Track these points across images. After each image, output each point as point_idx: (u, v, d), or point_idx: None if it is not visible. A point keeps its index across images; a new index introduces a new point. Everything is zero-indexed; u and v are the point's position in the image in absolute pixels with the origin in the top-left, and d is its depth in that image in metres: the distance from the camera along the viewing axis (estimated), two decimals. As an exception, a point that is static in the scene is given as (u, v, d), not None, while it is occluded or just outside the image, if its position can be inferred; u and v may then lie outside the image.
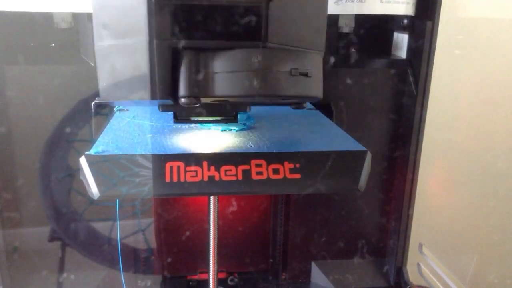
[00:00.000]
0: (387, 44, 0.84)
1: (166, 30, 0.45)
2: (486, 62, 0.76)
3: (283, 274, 0.90)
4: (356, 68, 0.79)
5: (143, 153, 0.52)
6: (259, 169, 0.52)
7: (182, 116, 0.56)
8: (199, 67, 0.46)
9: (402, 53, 0.81)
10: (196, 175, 0.51)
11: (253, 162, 0.52)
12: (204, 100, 0.48)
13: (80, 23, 0.74)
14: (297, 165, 0.52)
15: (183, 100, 0.47)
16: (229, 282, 0.89)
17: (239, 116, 0.63)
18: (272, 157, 0.53)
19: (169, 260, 0.87)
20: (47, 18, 0.71)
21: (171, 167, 0.51)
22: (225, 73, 0.46)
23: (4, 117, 0.77)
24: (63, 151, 0.80)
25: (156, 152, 0.52)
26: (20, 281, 0.84)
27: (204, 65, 0.46)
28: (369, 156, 0.55)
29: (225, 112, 0.57)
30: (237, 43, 0.46)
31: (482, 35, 0.76)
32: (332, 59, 0.76)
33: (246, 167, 0.52)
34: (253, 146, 0.55)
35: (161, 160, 0.51)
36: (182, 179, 0.50)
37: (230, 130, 0.61)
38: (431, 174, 0.84)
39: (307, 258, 0.89)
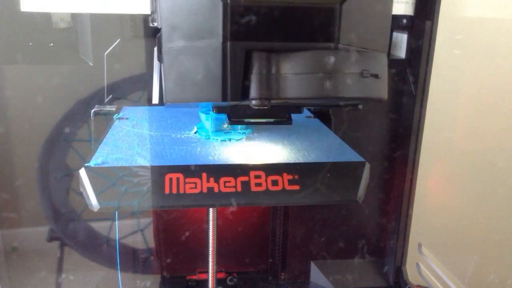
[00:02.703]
0: (386, 44, 0.84)
1: (240, 32, 0.46)
2: (486, 62, 0.76)
3: (283, 274, 0.90)
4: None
5: (143, 164, 0.52)
6: (258, 181, 0.52)
7: (236, 117, 0.56)
8: (270, 68, 0.46)
9: (401, 53, 0.81)
10: (196, 187, 0.51)
11: (252, 173, 0.52)
12: (274, 102, 0.47)
13: (79, 23, 0.74)
14: (296, 177, 0.53)
15: (254, 102, 0.46)
16: (228, 282, 0.89)
17: (238, 125, 0.63)
18: (271, 169, 0.53)
19: (168, 260, 0.87)
20: (46, 18, 0.71)
21: (171, 179, 0.51)
22: (296, 74, 0.46)
23: (2, 117, 0.77)
24: (61, 151, 0.80)
25: (156, 164, 0.52)
26: (19, 281, 0.84)
27: (276, 66, 0.46)
28: (367, 167, 0.55)
29: (278, 114, 0.57)
30: (309, 44, 0.47)
31: (482, 35, 0.76)
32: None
33: (245, 178, 0.52)
34: (252, 157, 0.55)
35: (161, 171, 0.51)
36: (181, 191, 0.51)
37: (229, 140, 0.61)
38: (431, 174, 0.84)
39: (307, 258, 0.89)
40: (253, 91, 0.46)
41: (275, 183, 0.52)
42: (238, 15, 0.45)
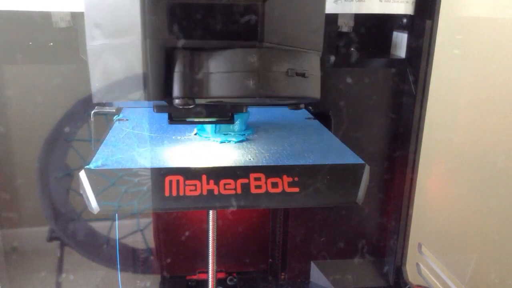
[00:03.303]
0: (386, 44, 0.84)
1: (160, 29, 0.44)
2: (486, 62, 0.76)
3: (282, 274, 0.90)
4: (355, 67, 0.79)
5: (143, 167, 0.52)
6: (258, 183, 0.52)
7: (177, 117, 0.55)
8: (193, 67, 0.45)
9: (402, 53, 0.81)
10: (195, 189, 0.51)
11: (252, 175, 0.52)
12: (198, 101, 0.47)
13: (79, 22, 0.74)
14: (296, 179, 0.53)
15: (177, 101, 0.45)
16: (228, 282, 0.89)
17: (238, 126, 0.63)
18: (271, 171, 0.53)
19: (168, 260, 0.87)
20: (45, 17, 0.71)
21: (171, 181, 0.51)
22: (220, 73, 0.45)
23: (2, 117, 0.77)
24: (61, 151, 0.80)
25: (156, 166, 0.52)
26: (19, 281, 0.84)
27: (199, 65, 0.45)
28: (367, 169, 0.55)
29: (221, 113, 0.56)
30: (233, 42, 0.45)
31: (482, 35, 0.76)
32: (331, 58, 0.76)
33: (245, 180, 0.52)
34: (252, 159, 0.55)
35: (161, 174, 0.51)
36: (181, 193, 0.50)
37: (229, 142, 0.61)
38: (431, 174, 0.84)
39: (307, 258, 0.89)
40: (176, 90, 0.45)
41: (275, 185, 0.52)
42: (158, 11, 0.44)
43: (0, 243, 0.82)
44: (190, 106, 0.46)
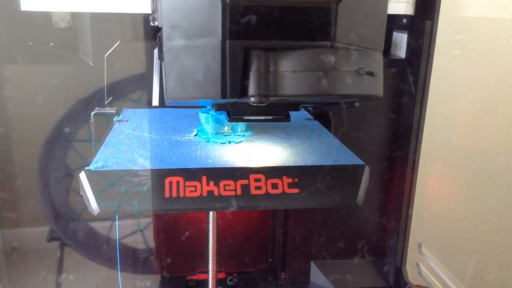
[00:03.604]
0: (386, 44, 0.84)
1: (238, 31, 0.46)
2: (486, 62, 0.76)
3: (282, 274, 0.90)
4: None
5: (143, 168, 0.52)
6: (258, 184, 0.52)
7: (235, 115, 0.57)
8: (269, 66, 0.47)
9: (401, 53, 0.81)
10: (195, 190, 0.51)
11: (252, 176, 0.52)
12: (272, 99, 0.48)
13: (79, 23, 0.74)
14: (296, 180, 0.53)
15: (252, 99, 0.47)
16: (228, 282, 0.89)
17: (237, 127, 0.63)
18: (270, 172, 0.53)
19: (168, 260, 0.87)
20: (45, 17, 0.71)
21: (171, 182, 0.51)
22: (294, 72, 0.47)
23: (2, 117, 0.77)
24: (61, 151, 0.80)
25: (156, 167, 0.52)
26: (19, 281, 0.84)
27: (274, 65, 0.47)
28: (367, 170, 0.55)
29: (277, 111, 0.58)
30: (306, 43, 0.48)
31: (482, 35, 0.76)
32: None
33: (245, 181, 0.52)
34: (251, 160, 0.55)
35: (161, 175, 0.51)
36: (181, 194, 0.51)
37: (229, 142, 0.61)
38: (431, 174, 0.84)
39: (307, 258, 0.89)
40: (252, 89, 0.47)
41: (275, 186, 0.52)
42: (237, 14, 0.46)
43: (0, 243, 0.82)
44: (264, 104, 0.47)
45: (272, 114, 0.57)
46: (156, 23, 0.56)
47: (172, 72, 0.49)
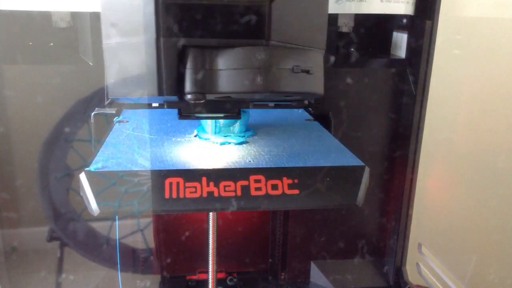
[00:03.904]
0: (386, 44, 0.84)
1: (173, 28, 0.47)
2: (486, 62, 0.76)
3: (282, 274, 0.90)
4: (355, 67, 0.79)
5: (143, 169, 0.52)
6: (258, 185, 0.52)
7: (187, 112, 0.58)
8: (204, 64, 0.48)
9: (401, 53, 0.81)
10: (195, 191, 0.51)
11: (252, 177, 0.52)
12: (208, 97, 0.49)
13: (79, 22, 0.74)
14: (296, 181, 0.53)
15: (189, 96, 0.48)
16: (228, 282, 0.89)
17: (238, 128, 0.63)
18: (270, 173, 0.53)
19: (168, 260, 0.87)
20: (45, 17, 0.71)
21: (171, 183, 0.51)
22: (229, 70, 0.48)
23: (2, 117, 0.77)
24: (61, 151, 0.80)
25: (156, 168, 0.52)
26: (19, 281, 0.84)
27: (209, 62, 0.48)
28: (367, 171, 0.55)
29: (229, 109, 0.58)
30: (241, 41, 0.48)
31: (482, 35, 0.76)
32: (331, 59, 0.76)
33: (245, 182, 0.52)
34: (252, 161, 0.55)
35: (161, 176, 0.51)
36: (181, 195, 0.51)
37: (229, 143, 0.61)
38: (431, 174, 0.84)
39: (307, 258, 0.89)
40: (188, 86, 0.48)
41: (275, 187, 0.52)
42: (171, 11, 0.47)
43: (0, 243, 0.82)
44: (201, 101, 0.48)
45: (224, 111, 0.58)
46: None
47: (112, 70, 0.50)
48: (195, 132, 0.65)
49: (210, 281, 0.71)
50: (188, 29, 0.47)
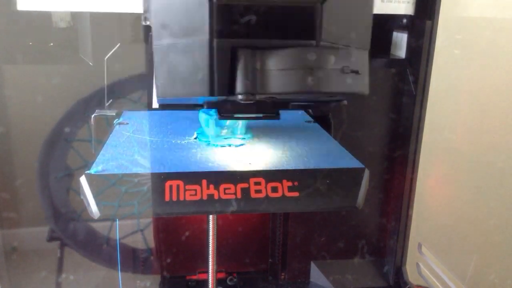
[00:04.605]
0: (386, 44, 0.84)
1: (226, 29, 0.47)
2: (486, 62, 0.76)
3: (282, 274, 0.90)
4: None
5: (143, 172, 0.52)
6: (258, 187, 0.52)
7: (226, 112, 0.57)
8: (255, 65, 0.48)
9: (401, 53, 0.81)
10: (196, 194, 0.51)
11: (252, 180, 0.52)
12: (259, 97, 0.49)
13: (79, 22, 0.74)
14: (296, 183, 0.53)
15: (240, 96, 0.48)
16: (228, 282, 0.89)
17: (237, 130, 0.63)
18: (270, 175, 0.53)
19: (168, 260, 0.87)
20: (46, 17, 0.71)
21: (171, 186, 0.51)
22: (280, 70, 0.48)
23: (2, 117, 0.77)
24: (61, 151, 0.80)
25: (156, 171, 0.52)
26: (19, 281, 0.84)
27: (260, 63, 0.48)
28: (367, 173, 0.55)
29: (267, 109, 0.58)
30: (292, 41, 0.49)
31: (482, 35, 0.76)
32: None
33: (245, 185, 0.52)
34: (251, 164, 0.55)
35: (161, 178, 0.51)
36: (181, 198, 0.51)
37: (229, 146, 0.61)
38: (431, 174, 0.84)
39: (307, 258, 0.89)
40: (239, 86, 0.48)
41: (275, 189, 0.52)
42: (224, 13, 0.47)
43: (0, 243, 0.82)
44: (251, 101, 0.48)
45: (262, 112, 0.58)
46: (148, 23, 0.57)
47: (162, 71, 0.50)
48: (195, 135, 0.65)
49: (210, 281, 0.71)
50: (239, 30, 0.48)
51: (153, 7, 0.50)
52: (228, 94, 0.49)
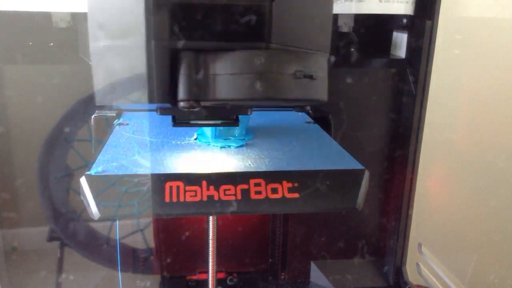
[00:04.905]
0: (386, 44, 0.84)
1: (164, 30, 0.43)
2: (486, 62, 0.76)
3: (282, 274, 0.90)
4: (355, 67, 0.79)
5: (143, 173, 0.52)
6: (258, 188, 0.52)
7: (182, 119, 0.54)
8: (199, 69, 0.44)
9: (401, 53, 0.81)
10: (196, 195, 0.51)
11: (252, 181, 0.52)
12: (204, 104, 0.46)
13: (79, 23, 0.74)
14: (296, 184, 0.53)
15: (182, 103, 0.44)
16: (228, 282, 0.89)
17: (238, 131, 0.63)
18: (270, 176, 0.53)
19: (168, 260, 0.87)
20: (45, 17, 0.71)
21: (171, 187, 0.51)
22: (226, 75, 0.44)
23: (2, 117, 0.77)
24: (61, 151, 0.80)
25: (156, 172, 0.52)
26: (19, 281, 0.84)
27: (204, 67, 0.44)
28: (366, 175, 0.55)
29: (226, 115, 0.56)
30: (239, 44, 0.44)
31: (482, 35, 0.76)
32: (331, 59, 0.76)
33: (245, 186, 0.52)
34: (251, 165, 0.55)
35: (161, 179, 0.51)
36: (181, 199, 0.51)
37: (229, 147, 0.61)
38: (431, 174, 0.84)
39: (307, 258, 0.89)
40: (181, 93, 0.44)
41: (274, 191, 0.52)
42: (162, 12, 0.43)
43: (0, 243, 0.82)
44: (195, 109, 0.45)
45: (221, 118, 0.55)
46: None
47: (99, 75, 0.46)
48: (195, 136, 0.65)
49: (210, 281, 0.71)
50: (182, 31, 0.43)
51: (88, 6, 0.46)
52: (170, 101, 0.45)
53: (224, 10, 0.44)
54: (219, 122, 0.57)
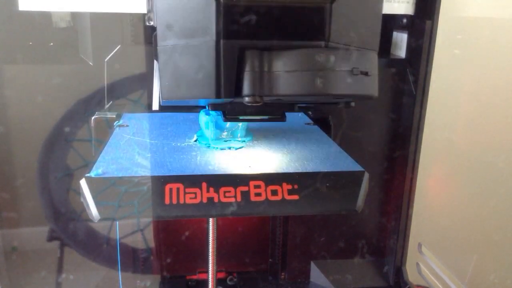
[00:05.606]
0: (386, 44, 0.84)
1: (232, 30, 0.47)
2: (486, 62, 0.76)
3: (282, 274, 0.90)
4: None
5: (143, 175, 0.52)
6: (257, 190, 0.52)
7: (231, 115, 0.57)
8: (263, 66, 0.47)
9: (402, 53, 0.81)
10: (196, 197, 0.51)
11: (252, 183, 0.52)
12: (266, 99, 0.48)
13: (79, 22, 0.74)
14: (295, 186, 0.53)
15: (247, 99, 0.47)
16: (228, 282, 0.89)
17: (237, 132, 0.63)
18: (270, 178, 0.53)
19: (168, 260, 0.87)
20: (45, 17, 0.71)
21: (171, 189, 0.51)
22: (288, 72, 0.47)
23: (2, 117, 0.77)
24: (61, 151, 0.80)
25: (156, 174, 0.52)
26: (19, 281, 0.84)
27: (268, 64, 0.47)
28: (366, 177, 0.55)
29: (273, 111, 0.58)
30: (300, 42, 0.48)
31: (482, 35, 0.76)
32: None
33: (244, 188, 0.52)
34: (251, 166, 0.55)
35: (161, 181, 0.51)
36: (181, 201, 0.51)
37: (229, 148, 0.61)
38: (431, 174, 0.84)
39: (307, 258, 0.89)
40: (246, 88, 0.47)
41: (274, 193, 0.52)
42: (231, 14, 0.46)
43: (0, 243, 0.82)
44: (259, 104, 0.47)
45: (268, 114, 0.58)
46: (152, 23, 0.57)
47: (167, 72, 0.49)
48: (195, 137, 0.65)
49: (210, 281, 0.71)
50: (247, 31, 0.47)
51: (158, 7, 0.49)
52: (235, 96, 0.48)
53: (287, 11, 0.47)
54: (266, 118, 0.58)
